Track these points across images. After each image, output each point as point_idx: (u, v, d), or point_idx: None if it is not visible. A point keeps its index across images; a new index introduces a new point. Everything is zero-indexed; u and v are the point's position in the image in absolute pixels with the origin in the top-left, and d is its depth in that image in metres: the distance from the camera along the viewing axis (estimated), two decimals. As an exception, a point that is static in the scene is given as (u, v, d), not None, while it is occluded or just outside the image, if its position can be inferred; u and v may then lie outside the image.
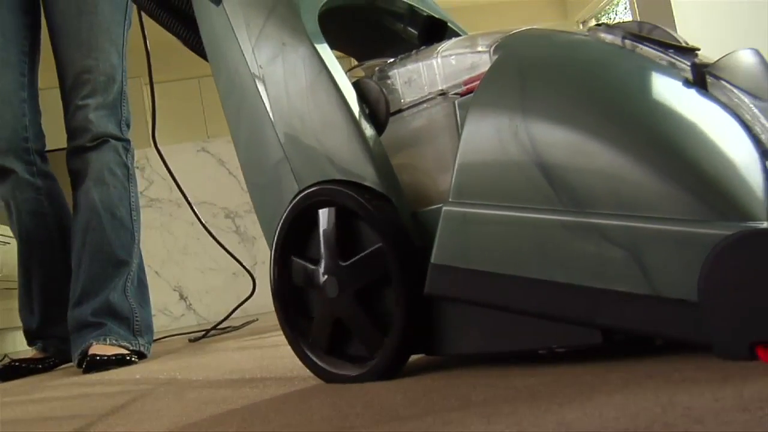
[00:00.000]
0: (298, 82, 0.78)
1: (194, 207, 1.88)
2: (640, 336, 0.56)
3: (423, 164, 0.73)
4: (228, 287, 4.13)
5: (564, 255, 0.56)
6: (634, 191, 0.54)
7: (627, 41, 0.64)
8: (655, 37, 0.64)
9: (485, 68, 0.67)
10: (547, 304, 0.58)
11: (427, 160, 0.72)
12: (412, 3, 0.94)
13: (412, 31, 0.95)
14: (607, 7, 8.61)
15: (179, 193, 1.79)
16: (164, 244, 3.92)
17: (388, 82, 0.77)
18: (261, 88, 0.81)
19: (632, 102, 0.60)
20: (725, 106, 0.59)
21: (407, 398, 0.56)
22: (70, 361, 1.74)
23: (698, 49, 0.67)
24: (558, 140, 0.59)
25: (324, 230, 0.72)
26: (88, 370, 1.59)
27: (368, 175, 0.70)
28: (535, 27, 0.74)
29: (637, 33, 0.64)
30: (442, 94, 0.72)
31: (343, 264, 0.70)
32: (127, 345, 1.67)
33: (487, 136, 0.63)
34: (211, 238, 1.92)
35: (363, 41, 1.01)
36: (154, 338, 1.90)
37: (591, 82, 0.62)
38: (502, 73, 0.65)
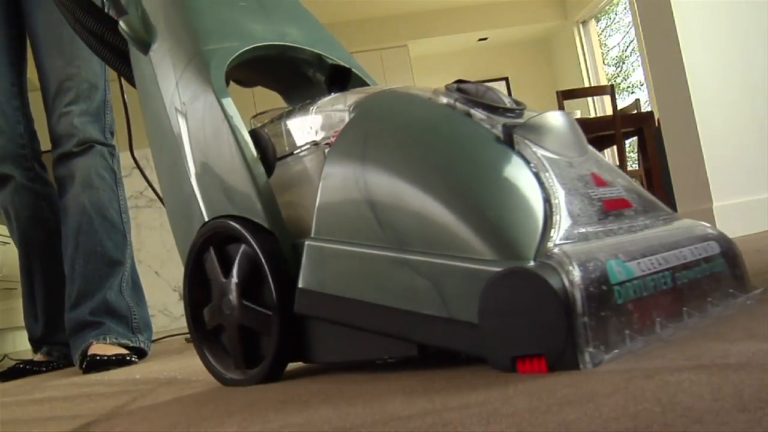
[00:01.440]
0: (206, 128, 0.91)
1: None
2: (443, 350, 0.67)
3: (303, 202, 0.84)
4: (228, 287, 4.13)
5: (389, 284, 0.69)
6: (437, 233, 0.65)
7: (459, 104, 0.75)
8: (484, 100, 0.75)
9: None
10: (379, 324, 0.70)
11: (306, 198, 0.83)
12: (321, 52, 1.06)
13: (321, 76, 1.07)
14: (607, 7, 8.60)
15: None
16: (164, 244, 3.92)
17: (277, 131, 0.90)
18: (182, 123, 0.94)
19: (445, 158, 0.71)
20: (526, 161, 0.68)
21: (407, 398, 0.56)
22: (74, 365, 1.75)
23: (521, 109, 0.76)
24: (385, 187, 0.71)
25: (222, 257, 0.86)
26: (88, 370, 1.59)
27: (257, 212, 0.84)
28: (393, 87, 0.85)
29: (469, 96, 0.75)
30: (315, 144, 0.85)
31: (236, 286, 0.83)
32: (127, 342, 1.67)
33: (338, 182, 0.75)
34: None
35: (283, 81, 1.14)
36: (154, 338, 1.90)
37: (415, 139, 0.75)
38: (353, 129, 0.79)
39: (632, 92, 10.48)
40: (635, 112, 5.04)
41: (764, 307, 0.71)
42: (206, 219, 0.89)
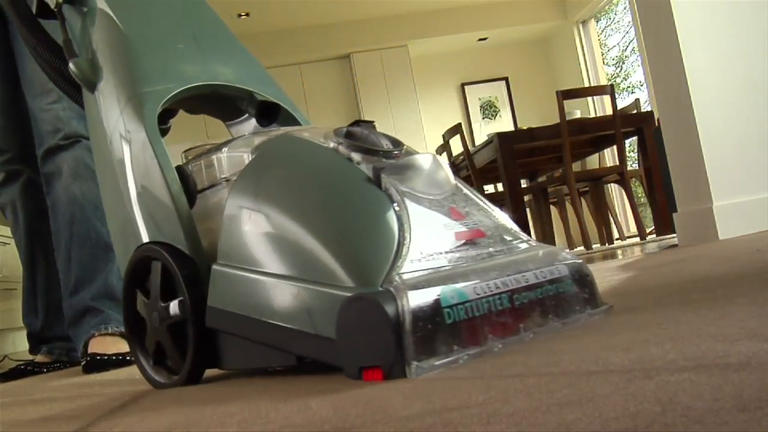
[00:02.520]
0: (140, 163, 1.03)
1: None
2: (315, 360, 0.78)
3: (217, 230, 0.93)
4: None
5: (273, 304, 0.80)
6: (310, 262, 0.77)
7: (342, 147, 0.86)
8: (366, 144, 0.86)
9: None
10: (267, 337, 0.82)
11: (218, 227, 0.93)
12: (251, 89, 1.17)
13: (252, 110, 1.18)
14: (607, 6, 8.61)
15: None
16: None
17: (199, 167, 1.02)
18: (126, 152, 1.06)
19: (320, 197, 0.84)
20: (390, 199, 0.79)
21: (407, 398, 0.56)
22: (78, 364, 1.75)
23: (398, 151, 0.88)
24: (272, 221, 0.83)
25: (151, 277, 0.97)
26: (88, 371, 1.59)
27: (179, 239, 0.96)
28: (291, 131, 0.99)
29: (353, 140, 0.87)
30: (227, 180, 0.97)
31: (161, 304, 0.94)
32: None
33: (236, 214, 0.87)
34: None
35: (222, 113, 1.26)
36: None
37: (299, 180, 0.87)
38: (250, 169, 0.91)
39: (632, 92, 10.48)
40: (635, 112, 5.04)
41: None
42: (142, 241, 1.02)
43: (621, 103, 5.23)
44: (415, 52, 8.55)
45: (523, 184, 5.68)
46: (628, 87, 10.62)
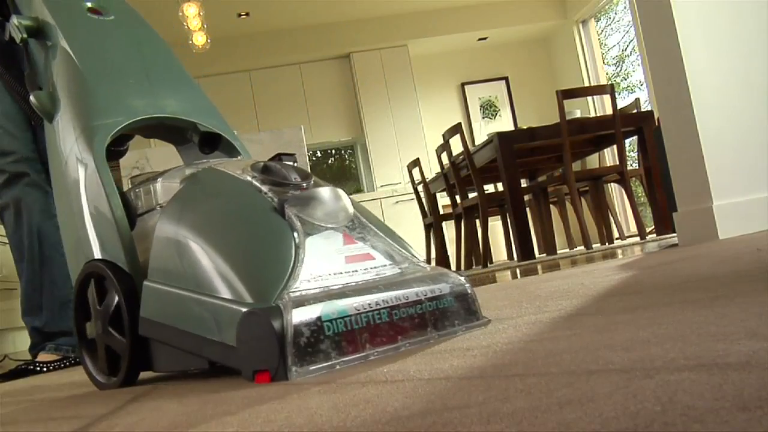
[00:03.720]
0: (89, 189, 1.16)
1: None
2: (223, 365, 0.90)
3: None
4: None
5: (189, 316, 0.93)
6: (219, 280, 0.90)
7: (255, 181, 1.00)
8: (277, 178, 1.00)
9: None
10: (186, 344, 0.94)
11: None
12: (195, 120, 1.31)
13: (196, 139, 1.33)
14: (607, 6, 8.60)
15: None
16: (164, 244, 3.91)
17: (140, 193, 1.15)
18: (81, 177, 1.18)
19: (230, 224, 0.98)
20: (290, 227, 0.93)
21: (407, 398, 0.56)
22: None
23: (306, 183, 1.01)
24: (191, 244, 0.95)
25: (95, 290, 1.10)
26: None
27: (120, 257, 1.09)
28: (215, 164, 1.11)
29: (266, 174, 1.01)
30: (161, 206, 1.11)
31: (102, 314, 1.07)
32: None
33: (162, 237, 1.01)
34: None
35: (171, 140, 1.41)
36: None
37: (214, 209, 1.02)
38: (177, 198, 1.06)
39: (632, 91, 10.48)
40: (635, 111, 5.04)
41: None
42: (92, 257, 1.14)
43: (621, 103, 5.23)
44: (415, 51, 8.55)
45: (523, 183, 5.68)
46: (628, 86, 10.62)
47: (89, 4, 1.35)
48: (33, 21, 1.31)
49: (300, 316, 0.80)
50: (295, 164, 1.07)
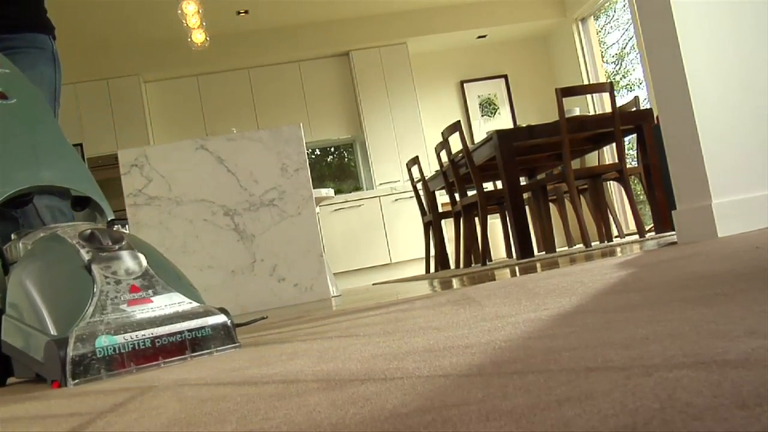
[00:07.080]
0: None
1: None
2: (43, 376, 1.26)
3: None
4: (226, 285, 4.13)
5: (23, 339, 1.31)
6: (36, 316, 1.28)
7: (78, 245, 1.36)
8: (94, 243, 1.37)
9: None
10: (23, 359, 1.32)
11: None
12: (68, 186, 1.64)
13: (70, 200, 1.68)
14: (606, 4, 8.60)
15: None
16: (163, 241, 3.91)
17: (9, 248, 1.49)
18: None
19: (51, 275, 1.36)
20: (93, 280, 1.31)
21: (406, 395, 0.56)
22: None
23: (119, 246, 1.38)
24: (24, 289, 1.33)
25: None
26: None
27: None
28: (56, 228, 1.47)
29: (87, 240, 1.38)
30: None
31: None
32: None
33: (13, 281, 1.37)
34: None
35: (61, 198, 1.75)
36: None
37: (43, 264, 1.39)
38: (25, 255, 1.43)
39: (631, 90, 10.48)
40: (634, 109, 5.04)
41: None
42: None
43: (620, 101, 5.22)
44: (415, 49, 8.55)
45: (523, 181, 5.68)
46: (628, 84, 10.63)
47: None
48: None
49: (79, 345, 1.19)
50: (120, 229, 1.40)
